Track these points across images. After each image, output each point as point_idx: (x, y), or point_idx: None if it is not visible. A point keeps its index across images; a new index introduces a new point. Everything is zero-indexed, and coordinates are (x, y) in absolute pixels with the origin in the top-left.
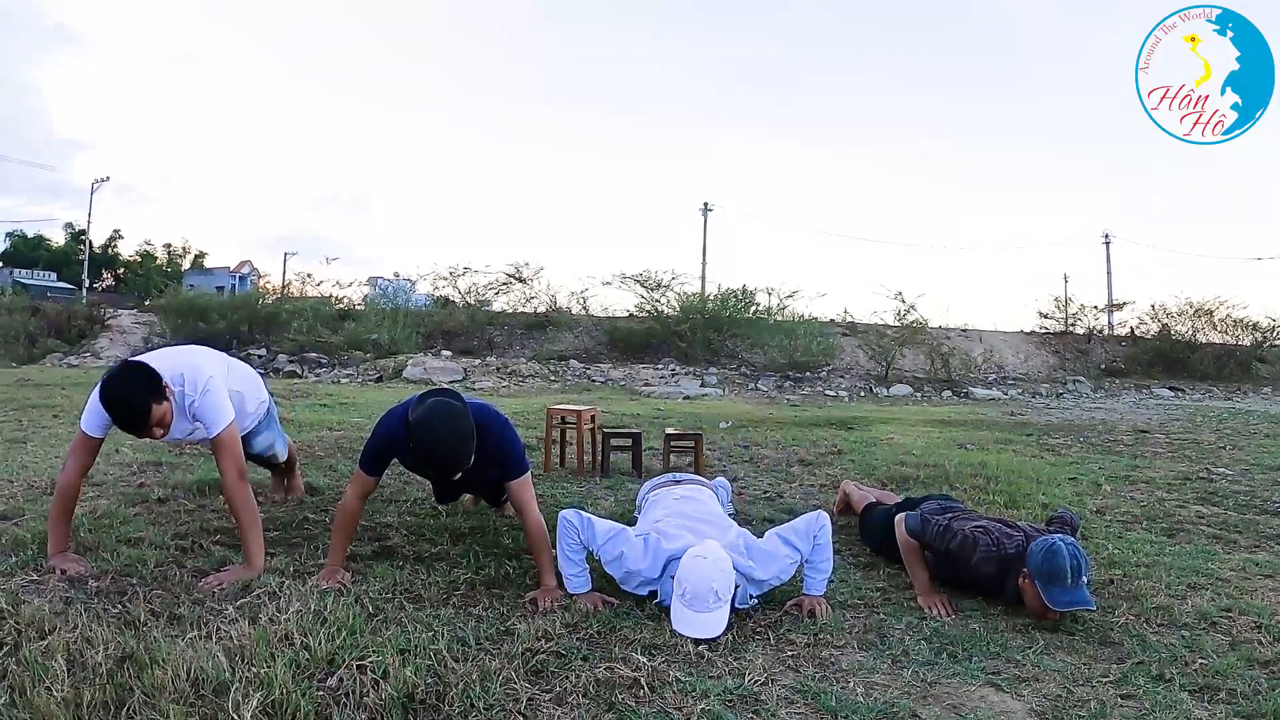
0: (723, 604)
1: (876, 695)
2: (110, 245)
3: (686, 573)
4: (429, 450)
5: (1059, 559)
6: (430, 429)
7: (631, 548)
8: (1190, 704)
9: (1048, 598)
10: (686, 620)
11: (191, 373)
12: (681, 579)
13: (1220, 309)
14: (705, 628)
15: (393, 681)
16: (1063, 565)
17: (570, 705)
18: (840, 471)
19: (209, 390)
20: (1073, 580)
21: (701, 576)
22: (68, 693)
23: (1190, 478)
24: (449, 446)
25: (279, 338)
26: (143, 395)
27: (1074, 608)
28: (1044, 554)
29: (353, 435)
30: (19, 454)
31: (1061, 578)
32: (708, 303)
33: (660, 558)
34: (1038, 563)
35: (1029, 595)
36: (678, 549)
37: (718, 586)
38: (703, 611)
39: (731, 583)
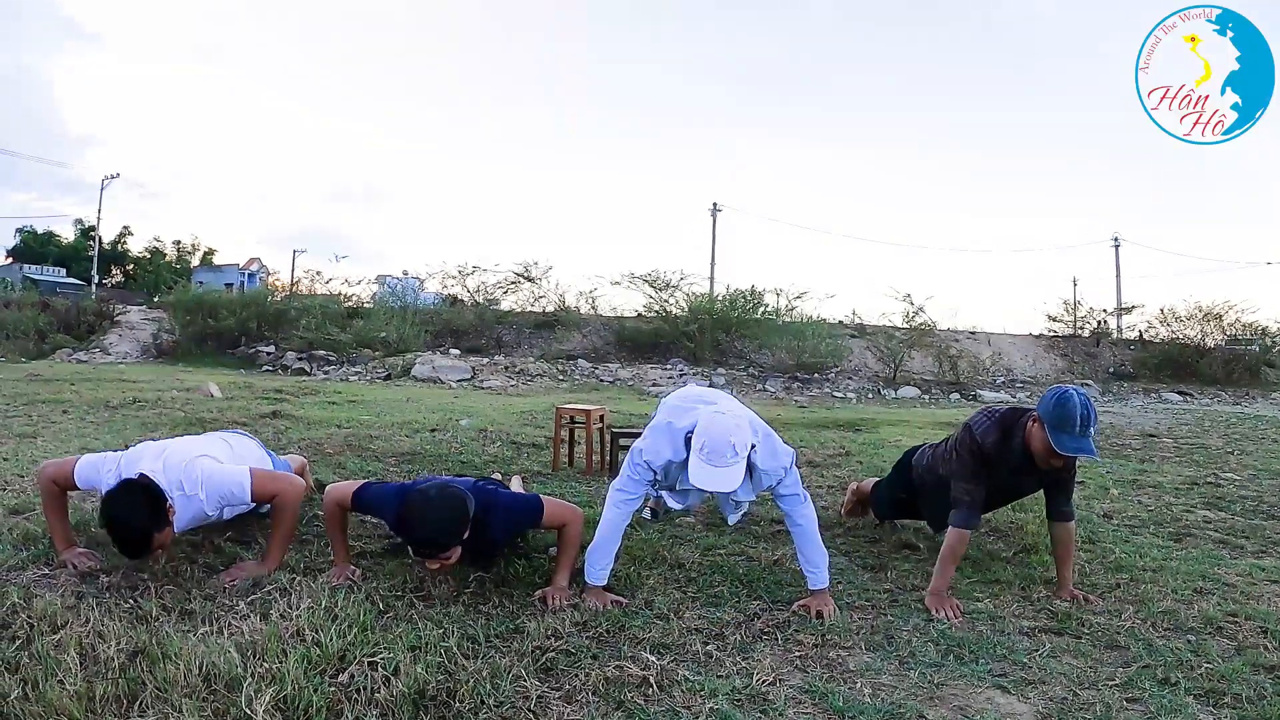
0: (739, 459)
1: (883, 696)
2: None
3: (705, 429)
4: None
5: (1070, 405)
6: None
7: (649, 450)
8: (1196, 708)
9: (1055, 442)
10: (705, 474)
11: (186, 473)
12: (700, 434)
13: (1229, 313)
14: (723, 481)
15: (404, 678)
16: (1073, 413)
17: (580, 703)
18: (848, 473)
19: (210, 476)
20: (1081, 428)
21: (721, 429)
22: (80, 686)
23: (1198, 482)
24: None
25: (288, 335)
26: (143, 523)
27: (1079, 454)
28: (1055, 400)
29: (361, 433)
30: (29, 449)
31: (1070, 424)
32: (716, 303)
33: (678, 437)
34: (1048, 408)
35: (1036, 439)
36: (691, 422)
37: (735, 440)
38: (720, 465)
39: (748, 439)
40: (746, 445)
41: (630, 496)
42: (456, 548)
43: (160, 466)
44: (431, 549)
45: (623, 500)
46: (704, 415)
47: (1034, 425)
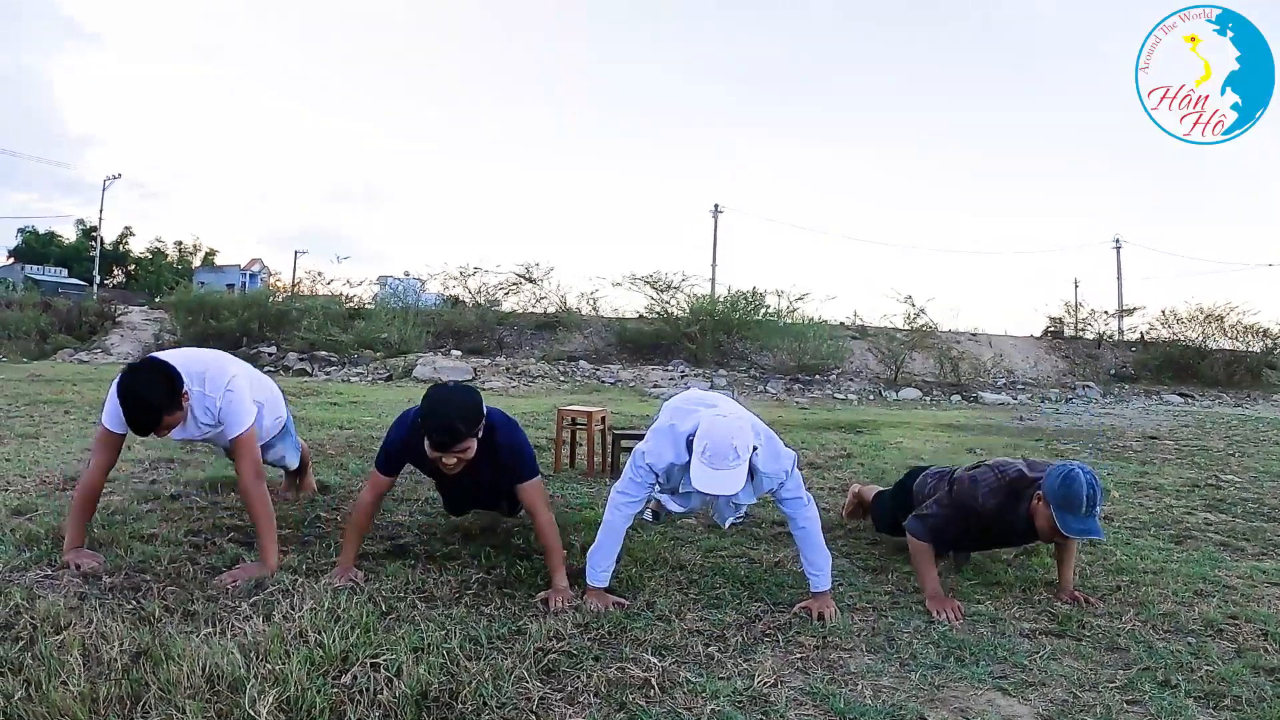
0: (741, 462)
1: (884, 698)
2: (121, 242)
3: (707, 431)
4: (436, 403)
5: (1076, 485)
6: (440, 391)
7: (652, 453)
8: (1196, 710)
9: (1061, 524)
10: (707, 477)
11: (215, 372)
12: (702, 436)
13: (1231, 315)
14: (724, 484)
15: (406, 679)
16: (1079, 493)
17: (582, 705)
18: (849, 475)
19: (232, 390)
20: (1087, 509)
21: (722, 432)
22: (83, 687)
23: (1199, 485)
24: (456, 399)
25: (289, 336)
26: (158, 399)
27: (1085, 536)
28: (1062, 480)
29: (363, 434)
30: (31, 449)
31: (1077, 505)
32: (717, 304)
33: (680, 440)
34: (1054, 487)
35: (1041, 517)
36: (694, 425)
37: (737, 443)
38: (722, 468)
39: (750, 442)
40: (748, 448)
41: (632, 499)
42: (472, 441)
43: (181, 360)
44: (450, 436)
45: (624, 502)
46: (705, 418)
47: (1039, 503)
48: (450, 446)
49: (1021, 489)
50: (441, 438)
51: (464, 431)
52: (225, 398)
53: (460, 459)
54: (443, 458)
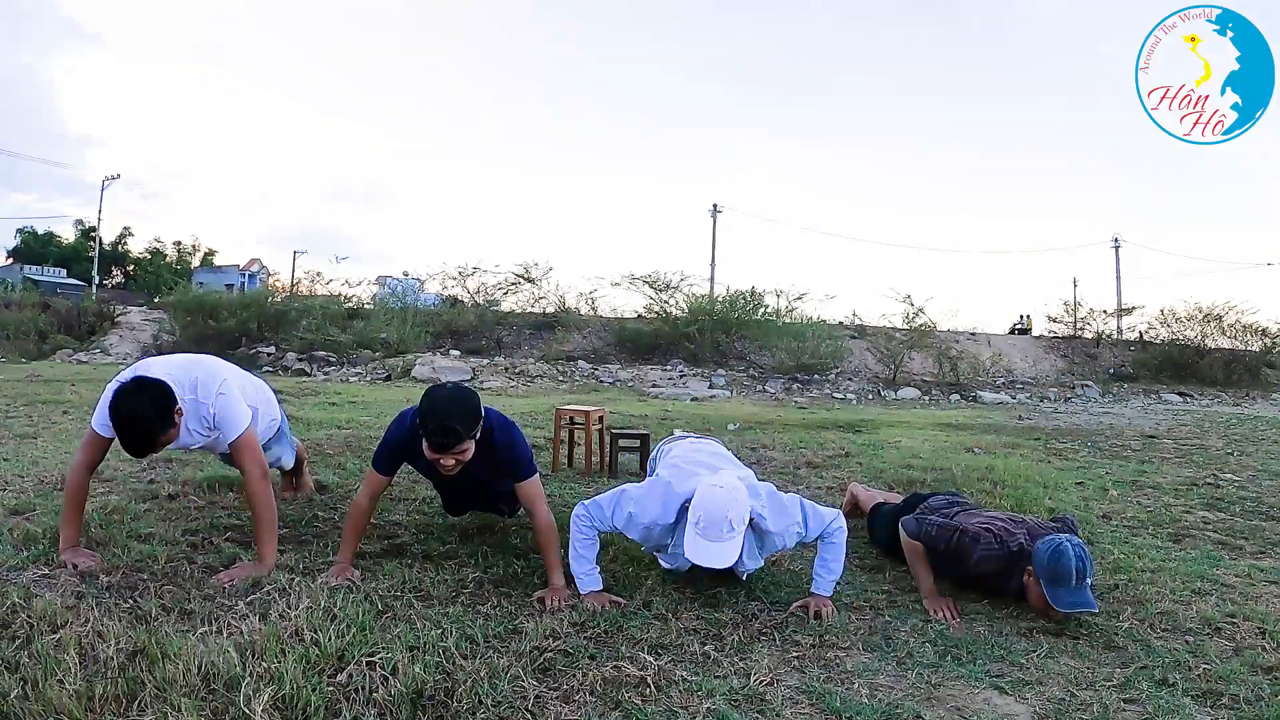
0: (736, 534)
1: (881, 696)
2: (120, 242)
3: (702, 501)
4: (434, 404)
5: (1065, 560)
6: (438, 392)
7: (639, 502)
8: (1193, 709)
9: (1052, 599)
10: (701, 549)
11: (206, 377)
12: (697, 507)
13: (1230, 314)
14: (719, 556)
15: (402, 678)
16: (1069, 567)
17: (577, 703)
18: (848, 474)
19: (224, 394)
20: (1077, 582)
21: (717, 504)
22: (80, 686)
23: (1197, 483)
24: (454, 401)
25: (288, 336)
26: (151, 421)
27: (1077, 610)
28: (1050, 555)
29: (361, 434)
30: (29, 449)
31: (1066, 579)
32: (716, 304)
33: (673, 501)
34: (1043, 563)
35: (1033, 594)
36: (691, 489)
37: (732, 516)
38: (716, 540)
39: (746, 514)
40: (743, 520)
41: (593, 524)
42: (470, 443)
43: (173, 369)
44: (449, 438)
45: (587, 525)
46: (702, 487)
47: (1030, 579)
48: (449, 448)
49: (1017, 562)
50: (440, 439)
51: (462, 433)
52: (218, 402)
53: (458, 460)
54: (441, 459)
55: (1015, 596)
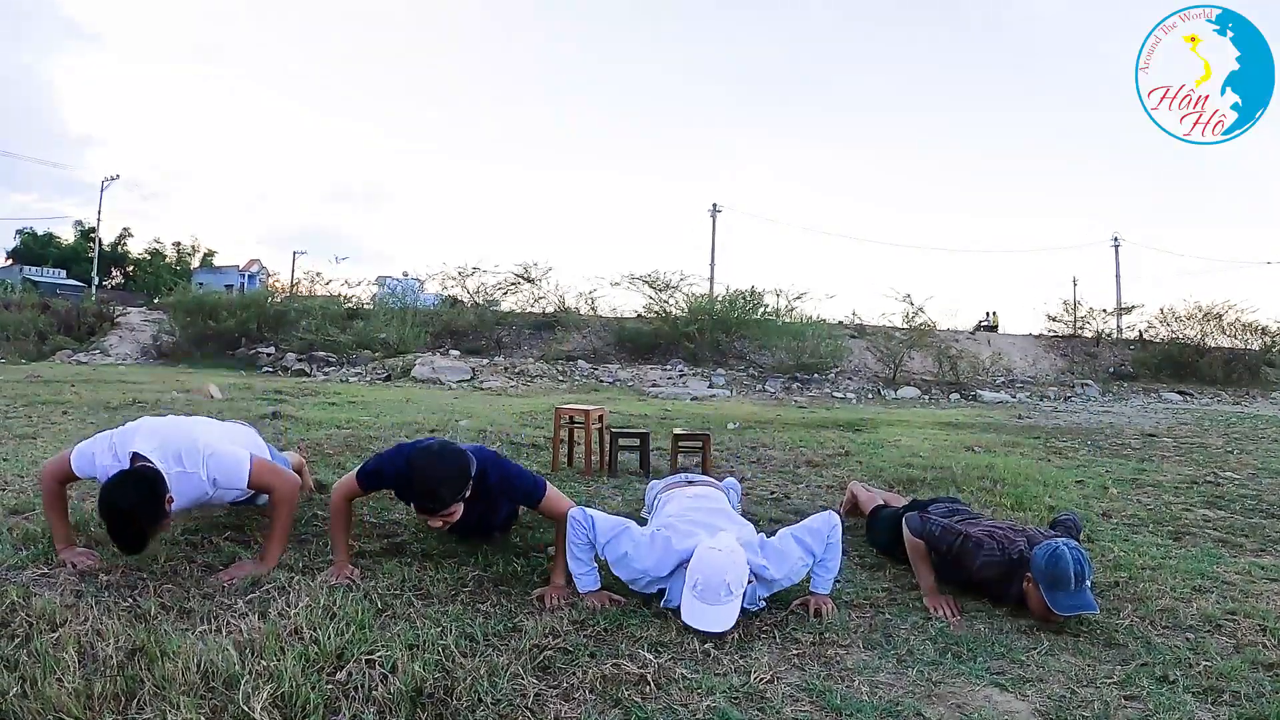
0: (734, 597)
1: (881, 694)
2: (120, 243)
3: (699, 564)
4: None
5: (1063, 564)
6: (424, 456)
7: (638, 546)
8: (1194, 706)
9: (1051, 602)
10: (698, 613)
11: (187, 446)
12: (694, 571)
13: (1229, 313)
14: (716, 620)
15: (401, 676)
16: (1066, 571)
17: (577, 701)
18: (847, 473)
19: (211, 451)
20: (1076, 585)
21: (715, 568)
22: (79, 684)
23: (1197, 481)
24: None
25: (287, 336)
26: (141, 523)
27: (1078, 612)
28: (1048, 559)
29: (361, 434)
30: (29, 449)
31: (1065, 583)
32: (716, 304)
33: (670, 557)
34: (1041, 568)
35: (1033, 599)
36: (689, 548)
37: (730, 579)
38: (714, 604)
39: (745, 577)
40: (741, 582)
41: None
42: (459, 505)
43: (157, 444)
44: (435, 504)
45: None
46: (699, 551)
47: (1029, 585)
48: (435, 512)
49: (1017, 569)
50: (427, 503)
51: (448, 499)
52: (209, 464)
53: (445, 521)
54: (429, 521)
55: (1015, 603)
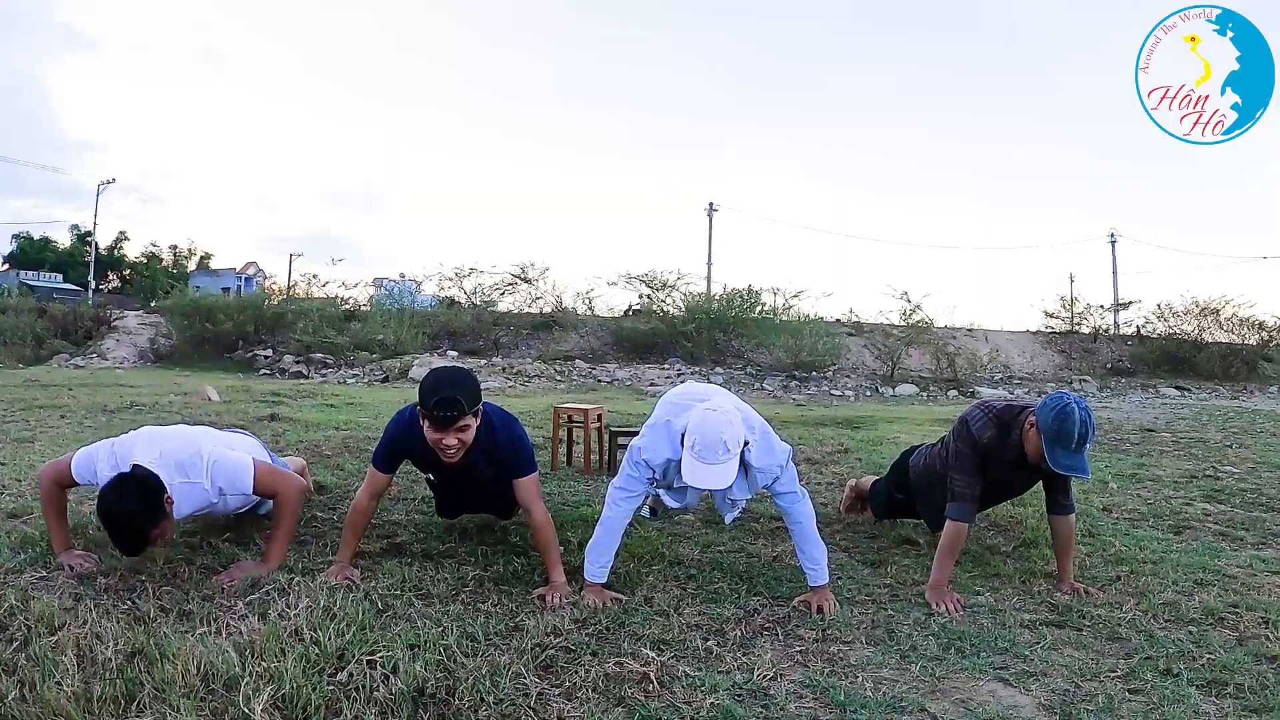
0: (731, 456)
1: (885, 690)
2: (116, 247)
3: (696, 425)
4: (435, 379)
5: (1069, 422)
6: (438, 370)
7: (648, 449)
8: (1198, 699)
9: (1050, 458)
10: (698, 472)
11: (188, 454)
12: (692, 431)
13: (1226, 308)
14: (715, 478)
15: (403, 676)
16: (1071, 429)
17: (580, 700)
18: (848, 470)
19: (214, 457)
20: (1077, 446)
21: (711, 427)
22: (78, 687)
23: (1197, 476)
24: (455, 376)
25: (285, 338)
26: (140, 519)
27: (1072, 473)
28: (1056, 413)
29: (360, 435)
30: (27, 453)
31: (1068, 440)
32: (713, 303)
33: (674, 435)
34: (1047, 420)
35: (1032, 443)
36: (685, 423)
37: (727, 437)
38: (712, 462)
39: (741, 436)
40: (739, 442)
41: (630, 494)
42: (471, 420)
43: (157, 455)
44: (451, 409)
45: (622, 498)
46: (696, 412)
47: (1031, 430)
48: (451, 422)
49: (1010, 419)
50: (442, 413)
51: (464, 405)
52: (213, 471)
53: (460, 441)
54: (443, 439)
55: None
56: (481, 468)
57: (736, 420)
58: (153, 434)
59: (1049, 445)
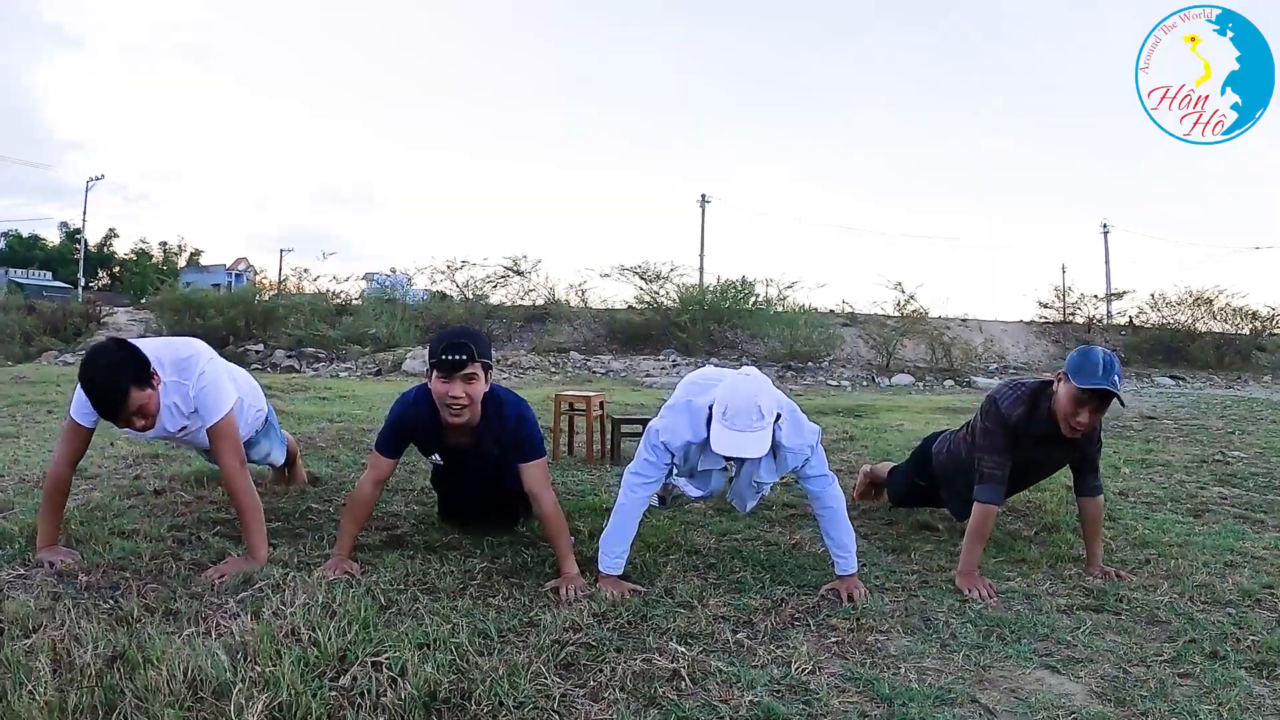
0: (766, 423)
1: (930, 680)
2: (106, 244)
3: (727, 390)
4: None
5: (1093, 355)
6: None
7: (666, 431)
8: (1249, 681)
9: (1078, 380)
10: (728, 440)
11: (188, 357)
12: (721, 398)
13: (1220, 298)
14: (748, 445)
15: (412, 679)
16: (1096, 359)
17: (607, 700)
18: (855, 456)
19: (205, 373)
20: (1104, 372)
21: (744, 392)
22: (51, 696)
23: (1206, 460)
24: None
25: (276, 333)
26: (121, 375)
27: (1101, 385)
28: (1079, 352)
29: (354, 426)
30: (11, 448)
31: (1094, 368)
32: (707, 294)
33: (698, 416)
34: (1072, 359)
35: (1061, 395)
36: (709, 400)
37: (761, 403)
38: (745, 430)
39: (775, 404)
40: (773, 410)
41: (647, 480)
42: (478, 370)
43: (153, 350)
44: (459, 353)
45: (639, 484)
46: (726, 381)
47: (1058, 383)
48: (459, 368)
49: (1039, 393)
50: (452, 355)
51: (474, 351)
52: (199, 382)
53: (468, 395)
54: (449, 391)
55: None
56: (489, 449)
57: (769, 386)
58: (157, 340)
59: (1076, 375)
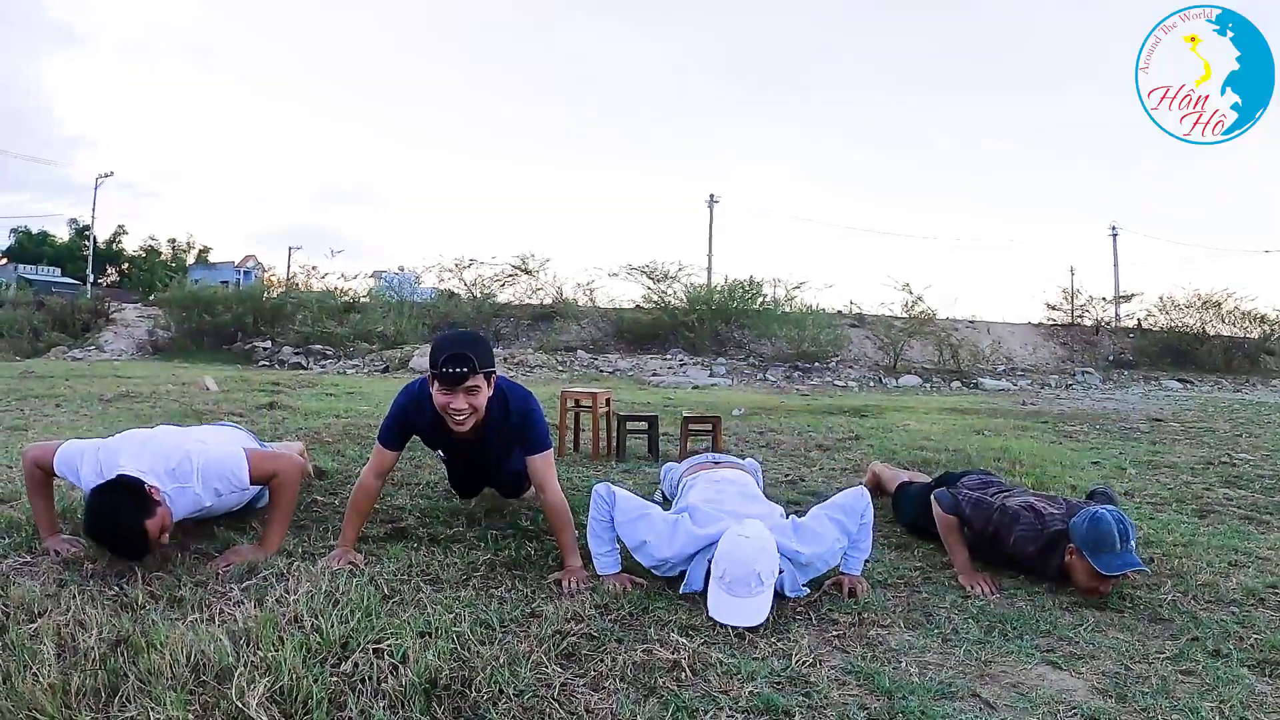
0: (765, 589)
1: (931, 675)
2: (114, 241)
3: (726, 553)
4: (446, 339)
5: (1104, 525)
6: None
7: (659, 536)
8: (1252, 679)
9: (1098, 564)
10: (725, 606)
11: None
12: (720, 560)
13: (1228, 301)
14: (746, 614)
15: (413, 666)
16: (1110, 531)
17: (607, 690)
18: (861, 455)
19: (199, 466)
20: (1121, 545)
21: (743, 558)
22: (55, 679)
23: (1212, 462)
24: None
25: (284, 330)
26: (134, 517)
27: (1127, 569)
28: (1089, 524)
29: (360, 422)
30: (19, 440)
31: (1110, 543)
32: (715, 294)
33: (692, 542)
34: (1083, 534)
35: (1077, 570)
36: (712, 534)
37: (760, 569)
38: (744, 596)
39: (775, 566)
40: (773, 573)
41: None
42: (482, 380)
43: (146, 466)
44: (462, 364)
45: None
46: (726, 537)
47: (1072, 557)
48: (460, 381)
49: (1057, 544)
50: (451, 369)
51: (474, 364)
52: (204, 473)
53: (470, 405)
54: (451, 402)
55: (1055, 578)
56: (494, 442)
57: (770, 547)
58: (139, 439)
59: (1093, 555)
